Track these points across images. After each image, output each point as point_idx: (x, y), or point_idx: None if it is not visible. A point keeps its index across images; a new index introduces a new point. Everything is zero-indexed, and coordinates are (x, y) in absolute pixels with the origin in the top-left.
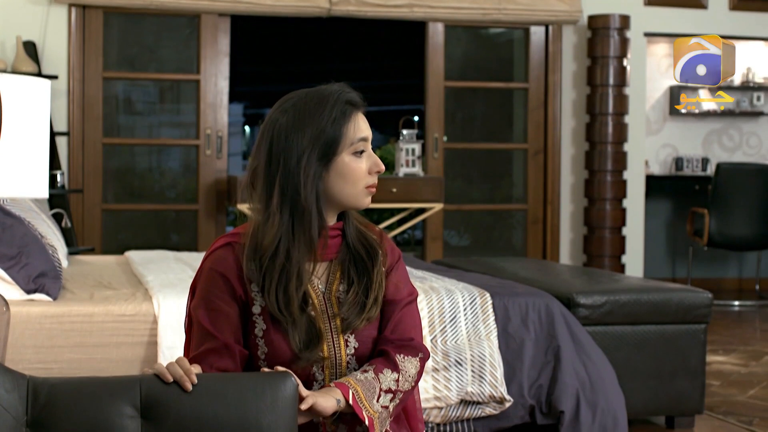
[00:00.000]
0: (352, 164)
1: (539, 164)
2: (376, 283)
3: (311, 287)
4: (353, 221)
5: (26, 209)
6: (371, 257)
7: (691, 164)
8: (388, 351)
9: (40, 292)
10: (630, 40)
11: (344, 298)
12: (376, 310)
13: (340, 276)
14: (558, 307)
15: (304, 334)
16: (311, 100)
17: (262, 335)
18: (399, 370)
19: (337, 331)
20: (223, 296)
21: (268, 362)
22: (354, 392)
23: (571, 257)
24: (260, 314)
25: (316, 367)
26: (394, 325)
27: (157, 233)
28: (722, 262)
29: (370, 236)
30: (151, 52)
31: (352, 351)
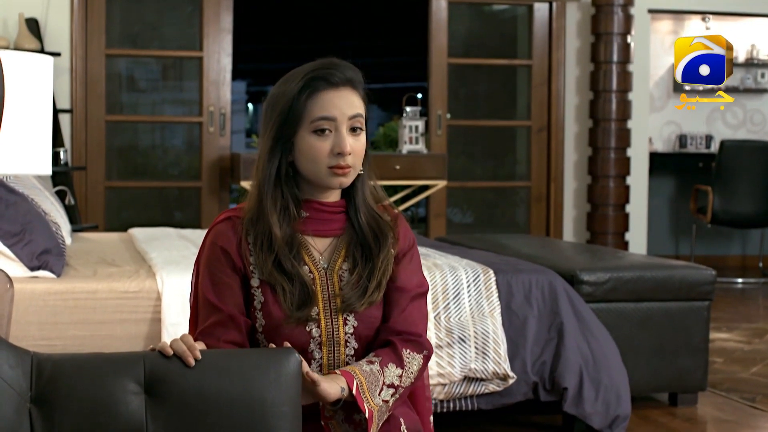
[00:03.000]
0: (309, 142)
1: (543, 141)
2: (381, 268)
3: (312, 262)
4: (364, 200)
5: (29, 186)
6: (378, 241)
7: (694, 141)
8: (395, 343)
9: (44, 269)
10: (634, 16)
11: (346, 278)
12: (378, 294)
13: (344, 254)
14: (561, 284)
15: (296, 295)
16: (289, 76)
17: (260, 308)
18: (403, 365)
19: (336, 311)
20: (224, 269)
21: (266, 334)
22: (358, 383)
23: (574, 234)
24: (258, 287)
25: (313, 344)
26: (402, 316)
27: (160, 210)
28: (726, 239)
29: (381, 218)
30: (153, 30)
31: (351, 330)
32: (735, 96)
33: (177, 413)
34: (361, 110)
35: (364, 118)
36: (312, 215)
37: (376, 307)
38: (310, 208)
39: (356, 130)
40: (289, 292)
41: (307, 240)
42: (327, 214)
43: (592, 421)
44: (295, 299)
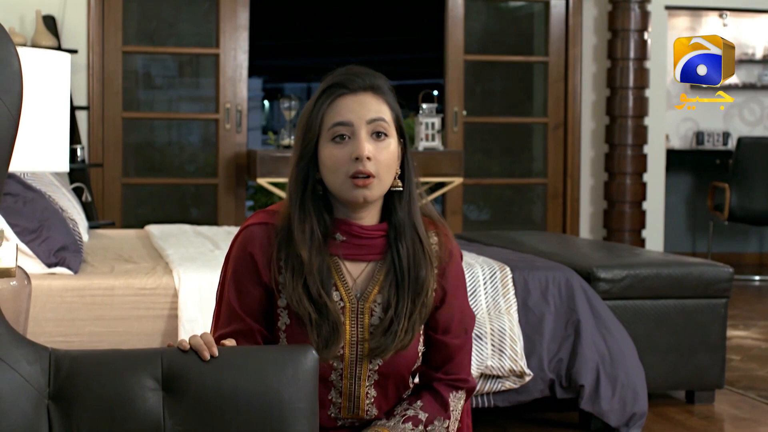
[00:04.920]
0: (329, 151)
1: (559, 138)
2: (416, 313)
3: (344, 289)
4: (408, 224)
5: (47, 183)
6: (418, 279)
7: (712, 138)
8: (439, 391)
9: (61, 265)
10: (651, 13)
11: (378, 313)
12: (411, 338)
13: (380, 285)
14: (578, 281)
15: (324, 331)
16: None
17: (284, 329)
18: (449, 414)
19: (362, 354)
20: (250, 278)
21: None
22: None
23: (591, 231)
24: (285, 308)
25: (335, 374)
26: (448, 365)
27: (176, 207)
28: (743, 236)
29: (428, 249)
30: (170, 26)
31: (376, 367)
32: (752, 93)
33: (194, 409)
34: (386, 116)
35: (390, 124)
36: (348, 240)
37: (409, 349)
38: (345, 231)
39: (380, 136)
40: (316, 326)
41: (341, 264)
42: (363, 239)
43: (608, 418)
44: (322, 335)
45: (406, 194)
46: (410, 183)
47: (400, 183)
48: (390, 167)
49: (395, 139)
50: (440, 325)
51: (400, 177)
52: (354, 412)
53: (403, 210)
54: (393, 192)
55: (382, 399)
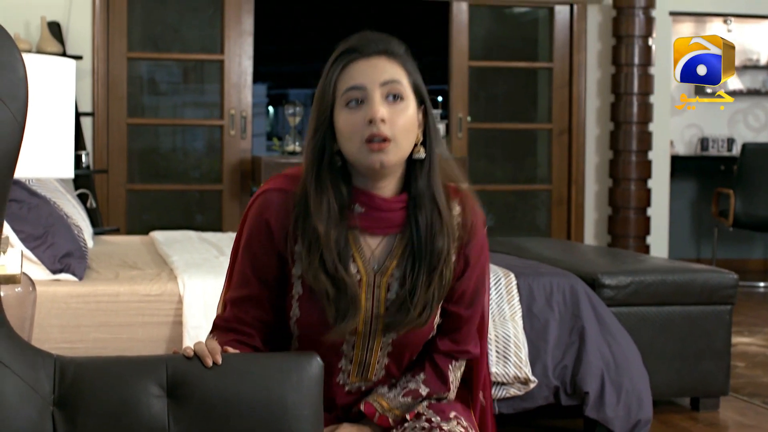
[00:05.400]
0: (343, 117)
1: (564, 144)
2: (432, 288)
3: (362, 261)
4: (428, 194)
5: (52, 189)
6: (435, 252)
7: (716, 144)
8: (440, 366)
9: (66, 272)
10: (655, 19)
11: (394, 288)
12: (426, 317)
13: (399, 258)
14: (583, 288)
15: (341, 306)
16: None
17: (297, 298)
18: (449, 386)
19: (376, 328)
20: (265, 244)
21: (299, 327)
22: (393, 417)
23: (595, 238)
24: (299, 277)
25: (347, 344)
26: (454, 337)
27: (181, 213)
28: (748, 243)
29: (449, 219)
30: (174, 32)
31: (389, 340)
32: (757, 99)
33: (199, 416)
34: (401, 78)
35: (406, 87)
36: (367, 211)
37: (425, 326)
38: (364, 202)
39: (396, 99)
40: (333, 300)
41: (359, 236)
42: (383, 211)
43: (613, 425)
44: (340, 310)
45: (427, 163)
46: (432, 152)
47: (422, 150)
48: (407, 131)
49: (413, 104)
50: (454, 295)
51: (423, 144)
52: (363, 376)
53: (423, 179)
54: (415, 161)
55: (393, 366)
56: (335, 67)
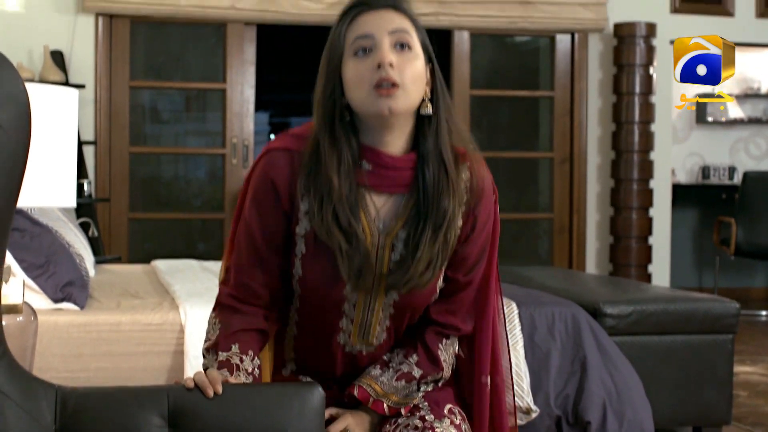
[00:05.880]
0: (352, 66)
1: (565, 173)
2: (436, 247)
3: (367, 221)
4: (435, 151)
5: (54, 218)
6: (441, 208)
7: (717, 173)
8: (430, 347)
9: (68, 301)
10: (656, 47)
11: (399, 249)
12: (429, 278)
13: (405, 219)
14: (584, 317)
15: (356, 261)
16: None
17: (300, 256)
18: (441, 367)
19: (378, 286)
20: (272, 203)
21: (301, 286)
22: (390, 404)
23: (597, 266)
24: (303, 236)
25: (348, 304)
26: (448, 297)
27: (183, 242)
28: (749, 271)
29: (457, 177)
30: (177, 61)
31: (391, 301)
32: (758, 127)
33: None
34: (409, 29)
35: (414, 39)
36: (374, 169)
37: (427, 288)
38: (372, 159)
39: (404, 48)
40: (347, 256)
41: (366, 194)
42: (390, 169)
43: None
44: (354, 265)
45: (435, 121)
46: (440, 111)
47: (429, 106)
48: (416, 80)
49: (421, 57)
50: (456, 259)
51: (431, 101)
52: (364, 337)
53: (431, 138)
54: (423, 119)
55: (394, 328)
56: (344, 20)
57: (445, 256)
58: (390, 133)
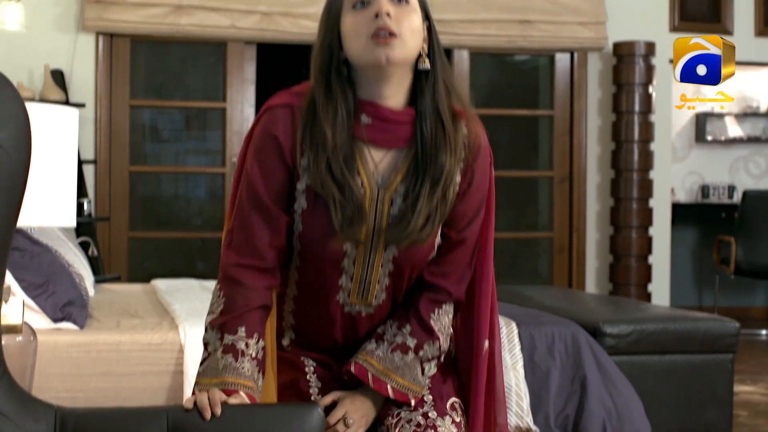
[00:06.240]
0: (350, 18)
1: (565, 192)
2: (435, 199)
3: (366, 175)
4: (433, 106)
5: (53, 237)
6: (439, 161)
7: (717, 192)
8: (422, 315)
9: (67, 320)
10: (655, 66)
11: (398, 204)
12: (427, 233)
13: (404, 174)
14: (584, 337)
15: (347, 209)
16: None
17: (300, 212)
18: (437, 336)
19: (378, 242)
20: (274, 159)
21: (301, 241)
22: (394, 386)
23: (597, 285)
24: (303, 191)
25: (347, 260)
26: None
27: (183, 261)
28: (749, 290)
29: (455, 133)
30: (177, 80)
31: (390, 257)
32: (757, 146)
33: None
34: None
35: None
36: (373, 122)
37: (426, 243)
38: (371, 113)
39: (401, 1)
40: (340, 206)
41: (364, 149)
42: (389, 123)
43: None
44: (346, 213)
45: (432, 77)
46: (437, 67)
47: (427, 61)
48: (413, 32)
49: (419, 13)
50: (449, 216)
51: (428, 57)
52: (363, 297)
53: (428, 93)
54: (420, 76)
55: (393, 287)
56: None
57: (443, 211)
58: (388, 86)
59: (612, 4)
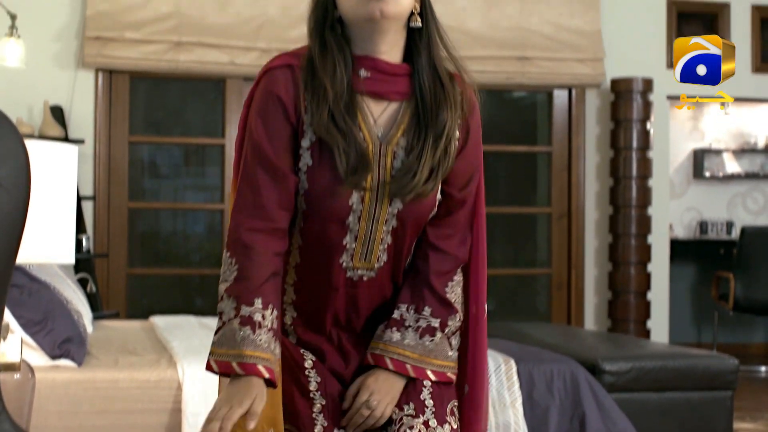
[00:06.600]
0: None
1: (563, 228)
2: (439, 150)
3: (367, 129)
4: (429, 63)
5: (52, 274)
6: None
7: (715, 228)
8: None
9: (66, 357)
10: (653, 103)
11: (401, 156)
12: (431, 186)
13: (404, 128)
14: (583, 374)
15: (351, 156)
16: None
17: (306, 170)
18: (456, 308)
19: (383, 194)
20: (279, 118)
21: (306, 199)
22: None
23: (595, 322)
24: (308, 148)
25: (352, 216)
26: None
27: (181, 297)
28: (748, 326)
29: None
30: (176, 116)
31: (395, 211)
32: (755, 182)
33: None
34: None
35: None
36: (372, 75)
37: (429, 197)
38: (370, 66)
39: None
40: (344, 152)
41: (364, 103)
42: (388, 75)
43: None
44: (351, 161)
45: (426, 36)
46: (430, 27)
47: (419, 19)
48: None
49: None
50: (450, 174)
51: (420, 15)
52: (366, 258)
53: (424, 53)
54: (414, 34)
55: (395, 248)
56: None
57: (446, 166)
58: (383, 41)
59: (609, 40)
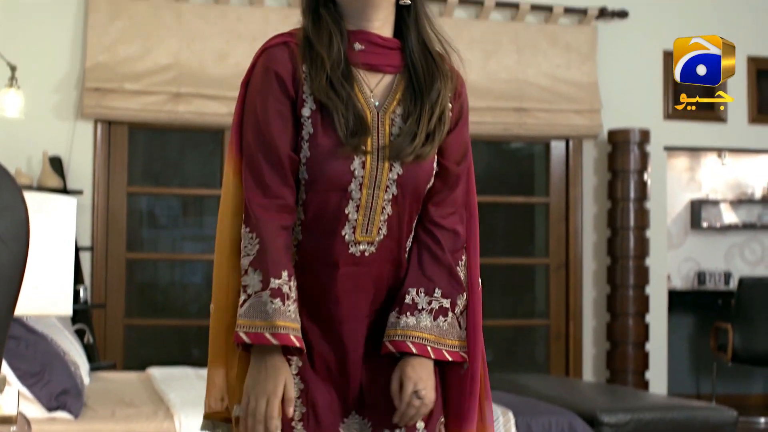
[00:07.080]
0: None
1: (561, 279)
2: (435, 113)
3: (363, 99)
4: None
5: (49, 325)
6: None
7: (713, 278)
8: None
9: (62, 409)
10: (650, 154)
11: (398, 123)
12: (430, 149)
13: (399, 97)
14: (581, 426)
15: (350, 120)
16: None
17: (308, 138)
18: (463, 287)
19: (383, 157)
20: (279, 95)
21: (308, 168)
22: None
23: (594, 373)
24: (309, 117)
25: (354, 183)
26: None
27: (178, 348)
28: (747, 377)
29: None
30: (174, 167)
31: (395, 177)
32: (753, 232)
33: None
34: None
35: None
36: (367, 47)
37: (427, 162)
38: (364, 39)
39: None
40: (344, 116)
41: (359, 75)
42: (381, 47)
43: None
44: (350, 124)
45: (414, 13)
46: (417, 3)
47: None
48: None
49: None
50: (447, 148)
51: None
52: (368, 231)
53: (413, 30)
54: (402, 10)
55: (396, 218)
56: None
57: (441, 132)
58: (376, 16)
59: (606, 92)
